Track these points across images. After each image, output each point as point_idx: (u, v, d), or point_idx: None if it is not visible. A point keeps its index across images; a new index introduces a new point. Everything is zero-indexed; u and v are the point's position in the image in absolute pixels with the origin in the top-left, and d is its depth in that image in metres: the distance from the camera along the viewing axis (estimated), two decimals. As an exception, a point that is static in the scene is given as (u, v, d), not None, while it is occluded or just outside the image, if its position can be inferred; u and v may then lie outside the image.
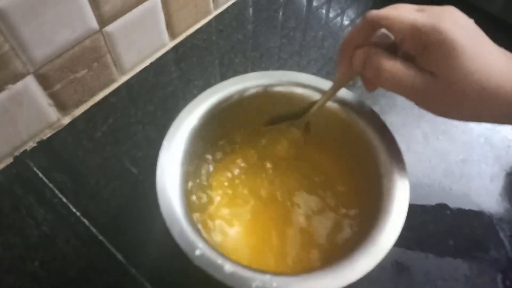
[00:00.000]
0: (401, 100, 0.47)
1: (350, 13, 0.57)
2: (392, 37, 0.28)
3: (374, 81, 0.28)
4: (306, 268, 0.32)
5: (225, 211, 0.35)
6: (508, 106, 0.26)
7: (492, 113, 0.27)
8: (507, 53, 0.27)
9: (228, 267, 0.26)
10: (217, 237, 0.34)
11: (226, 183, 0.37)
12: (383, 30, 0.28)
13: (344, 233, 0.34)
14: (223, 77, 0.49)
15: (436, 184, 0.41)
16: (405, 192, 0.30)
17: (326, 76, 0.48)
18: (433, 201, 0.40)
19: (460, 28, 0.25)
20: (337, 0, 0.59)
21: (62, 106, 0.44)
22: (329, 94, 0.33)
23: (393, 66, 0.27)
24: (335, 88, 0.33)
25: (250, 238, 0.34)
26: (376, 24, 0.28)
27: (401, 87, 0.27)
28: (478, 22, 0.27)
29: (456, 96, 0.26)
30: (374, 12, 0.28)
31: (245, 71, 0.50)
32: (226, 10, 0.56)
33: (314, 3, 0.58)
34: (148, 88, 0.48)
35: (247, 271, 0.26)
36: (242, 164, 0.38)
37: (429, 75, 0.26)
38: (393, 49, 0.28)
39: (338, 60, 0.31)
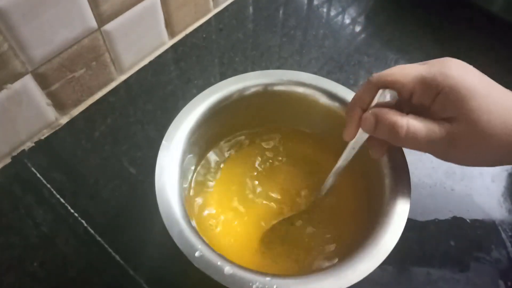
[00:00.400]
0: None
1: (351, 11, 0.57)
2: (396, 96, 0.27)
3: (390, 141, 0.27)
4: (305, 271, 0.32)
5: (223, 212, 0.35)
6: None
7: None
8: None
9: (228, 268, 0.25)
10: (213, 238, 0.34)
11: (226, 184, 0.37)
12: (387, 91, 0.27)
13: (344, 234, 0.34)
14: (223, 76, 0.49)
15: (437, 184, 0.41)
16: (407, 193, 0.29)
17: (327, 75, 0.48)
18: (434, 201, 0.40)
19: (466, 72, 0.26)
20: (338, -2, 0.58)
21: (60, 106, 0.43)
22: (342, 163, 0.32)
23: (408, 122, 0.26)
24: (347, 157, 0.31)
25: (249, 241, 0.34)
26: (381, 84, 0.27)
27: (421, 142, 0.26)
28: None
29: (481, 136, 0.25)
30: (377, 73, 0.27)
31: (245, 70, 0.50)
32: (226, 8, 0.56)
33: (315, 2, 0.58)
34: (147, 88, 0.48)
35: (247, 272, 0.25)
36: (243, 165, 0.38)
37: (446, 124, 0.25)
38: (398, 109, 0.27)
39: (346, 124, 0.30)
